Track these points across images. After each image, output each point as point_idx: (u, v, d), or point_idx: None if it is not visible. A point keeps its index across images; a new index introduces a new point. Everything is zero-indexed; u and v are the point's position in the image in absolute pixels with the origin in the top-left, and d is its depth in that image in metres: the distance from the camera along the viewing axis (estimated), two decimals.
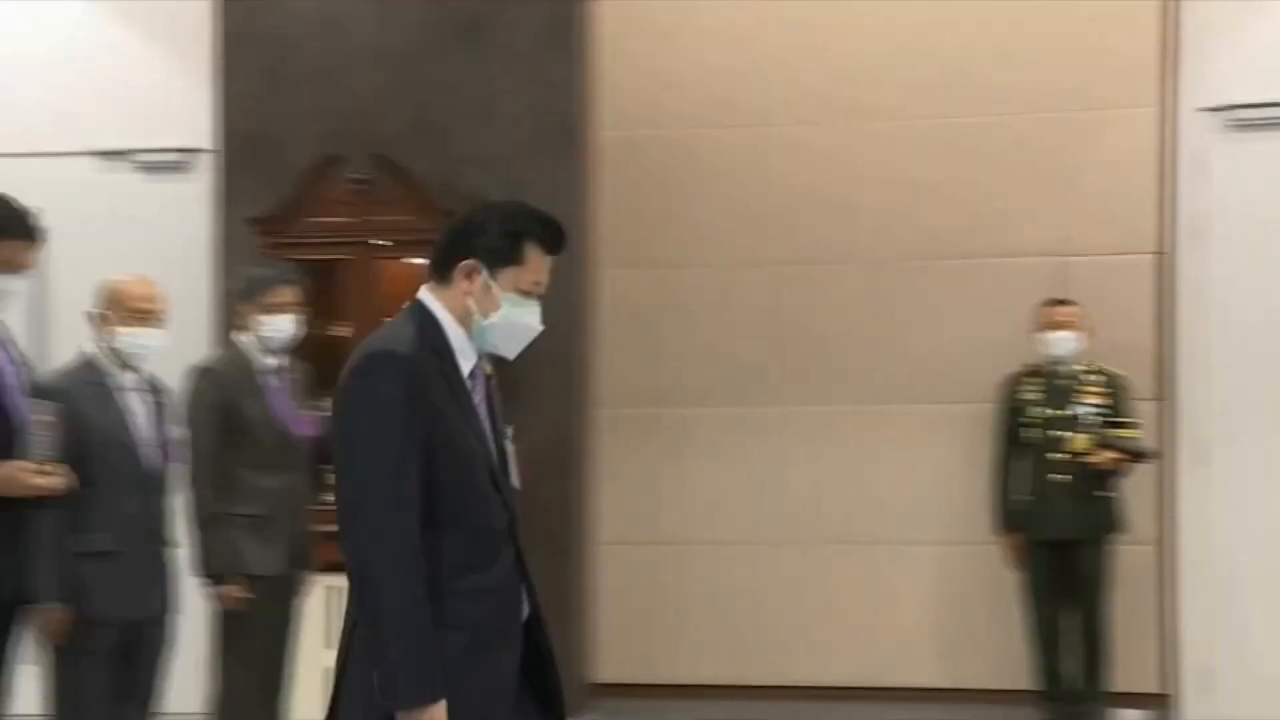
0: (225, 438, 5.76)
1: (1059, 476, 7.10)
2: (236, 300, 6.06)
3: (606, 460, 7.79)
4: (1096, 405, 7.14)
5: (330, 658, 7.17)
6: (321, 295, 6.69)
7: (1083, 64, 7.52)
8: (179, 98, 7.89)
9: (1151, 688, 7.42)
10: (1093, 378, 7.18)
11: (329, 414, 6.71)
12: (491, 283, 3.35)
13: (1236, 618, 7.43)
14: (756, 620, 7.73)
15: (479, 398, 3.37)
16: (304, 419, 5.99)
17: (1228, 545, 7.44)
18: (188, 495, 5.72)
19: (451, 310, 3.35)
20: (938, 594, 7.63)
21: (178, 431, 5.67)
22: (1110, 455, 7.05)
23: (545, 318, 8.10)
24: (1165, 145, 7.48)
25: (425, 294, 3.39)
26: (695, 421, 7.79)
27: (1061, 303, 7.25)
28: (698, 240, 7.84)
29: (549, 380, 7.36)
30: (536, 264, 3.38)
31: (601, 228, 7.76)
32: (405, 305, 3.42)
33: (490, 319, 3.35)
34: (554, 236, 3.40)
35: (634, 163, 7.82)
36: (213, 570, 5.75)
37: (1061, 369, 7.20)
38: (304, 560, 5.98)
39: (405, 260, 7.35)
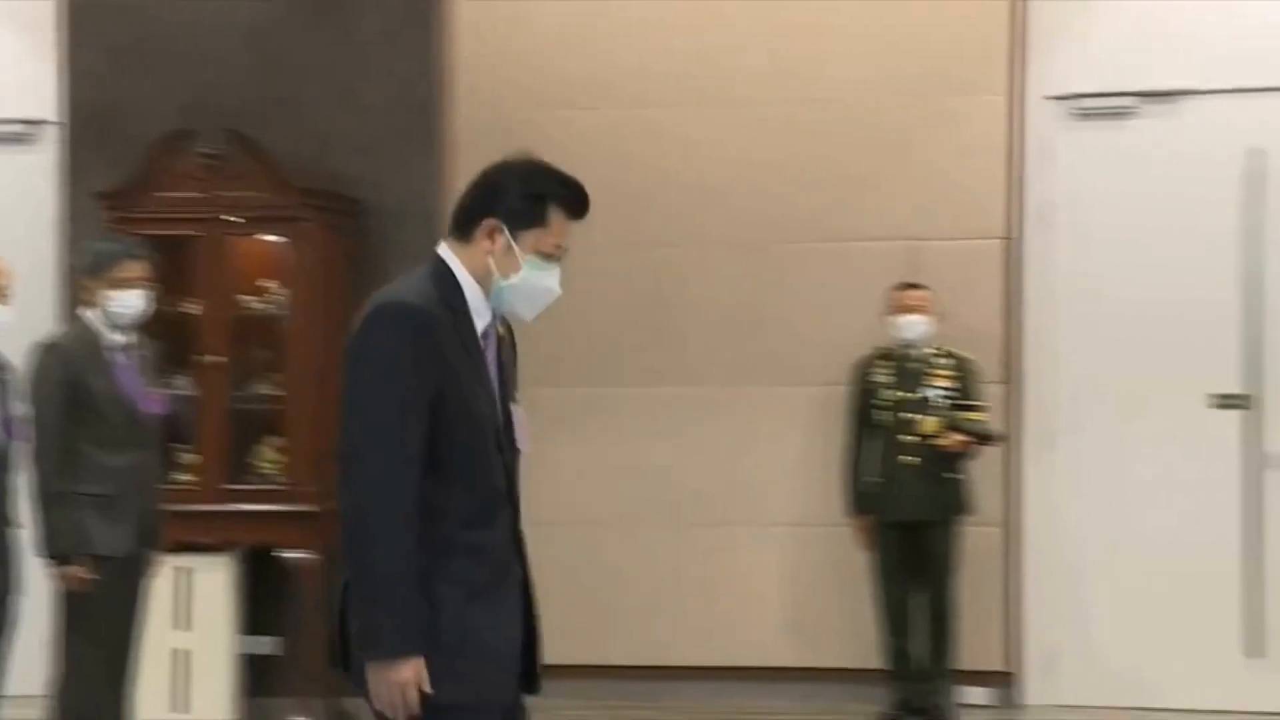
0: (71, 415, 5.65)
1: (908, 459, 7.19)
2: (83, 275, 5.94)
3: None
4: (946, 388, 7.24)
5: (178, 639, 7.14)
6: (171, 271, 6.59)
7: (934, 51, 7.61)
8: (23, 68, 7.73)
9: (997, 666, 7.55)
10: (942, 361, 7.29)
11: (179, 392, 6.67)
12: (513, 244, 3.32)
13: (1079, 602, 7.58)
14: (614, 600, 7.74)
15: (490, 357, 3.34)
16: (153, 396, 5.90)
17: (1071, 529, 7.58)
18: (32, 473, 5.61)
19: (470, 268, 3.32)
20: (792, 575, 7.69)
21: (22, 408, 5.56)
22: (958, 438, 7.16)
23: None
24: (1014, 133, 7.61)
25: (444, 250, 3.35)
26: (555, 402, 7.77)
27: (912, 286, 7.34)
28: None
29: None
30: (559, 227, 3.37)
31: None
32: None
33: (510, 280, 3.33)
34: (578, 200, 3.40)
35: (493, 144, 7.72)
36: (57, 550, 5.64)
37: (912, 352, 7.29)
38: (152, 540, 5.89)
39: (257, 237, 7.27)
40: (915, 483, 7.19)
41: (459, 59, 7.72)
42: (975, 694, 7.52)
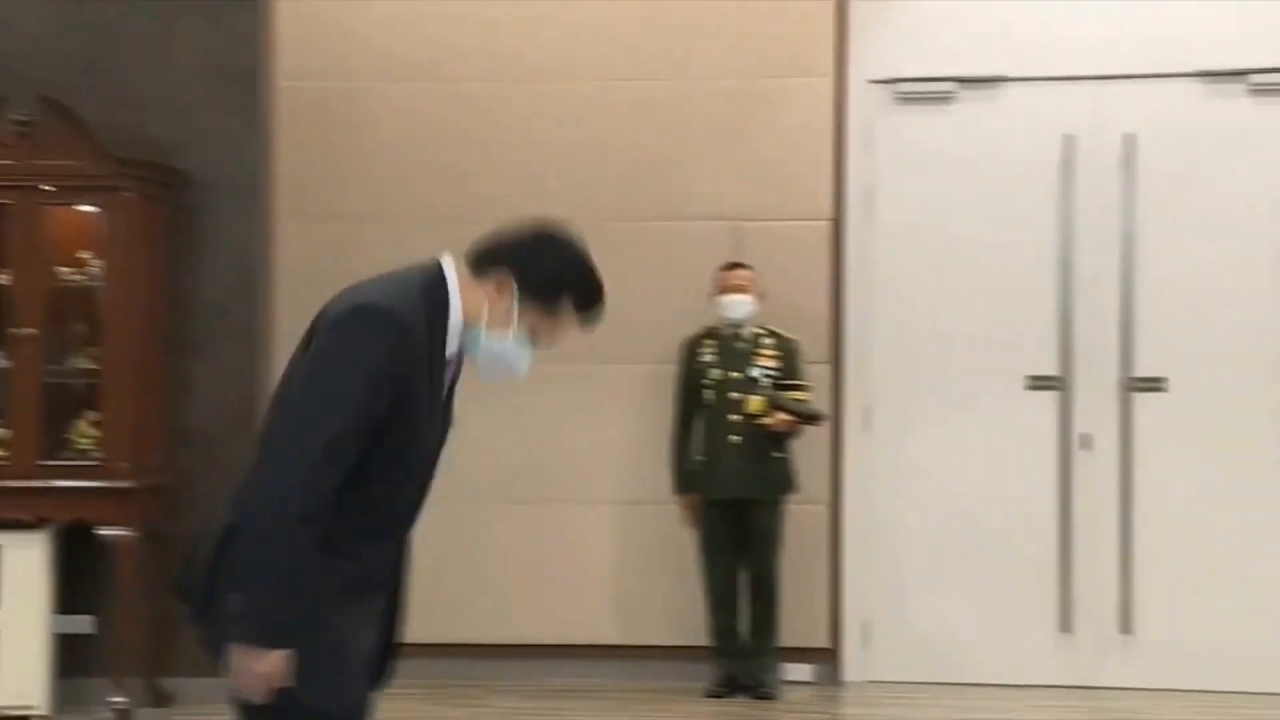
0: None
1: (734, 437, 7.25)
2: None
3: None
4: (770, 368, 7.31)
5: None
6: None
7: (760, 33, 7.65)
8: None
9: (822, 643, 7.63)
10: (767, 341, 7.35)
11: None
12: (515, 310, 3.27)
13: (897, 579, 7.69)
14: (438, 578, 7.66)
15: (444, 381, 3.31)
16: None
17: (890, 508, 7.68)
18: None
19: (465, 299, 3.27)
20: (618, 553, 7.70)
21: None
22: (783, 417, 7.23)
23: (220, 271, 7.84)
24: (838, 115, 7.68)
25: (449, 268, 3.29)
26: None
27: (738, 266, 7.39)
28: (375, 195, 7.74)
29: (222, 333, 7.22)
30: (564, 321, 3.34)
31: (279, 180, 7.59)
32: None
33: (490, 334, 3.28)
34: (594, 305, 3.37)
35: (312, 115, 7.67)
36: None
37: (738, 332, 7.35)
38: None
39: (73, 207, 7.10)
40: (740, 461, 7.25)
41: (280, 29, 7.60)
42: (799, 670, 7.60)
